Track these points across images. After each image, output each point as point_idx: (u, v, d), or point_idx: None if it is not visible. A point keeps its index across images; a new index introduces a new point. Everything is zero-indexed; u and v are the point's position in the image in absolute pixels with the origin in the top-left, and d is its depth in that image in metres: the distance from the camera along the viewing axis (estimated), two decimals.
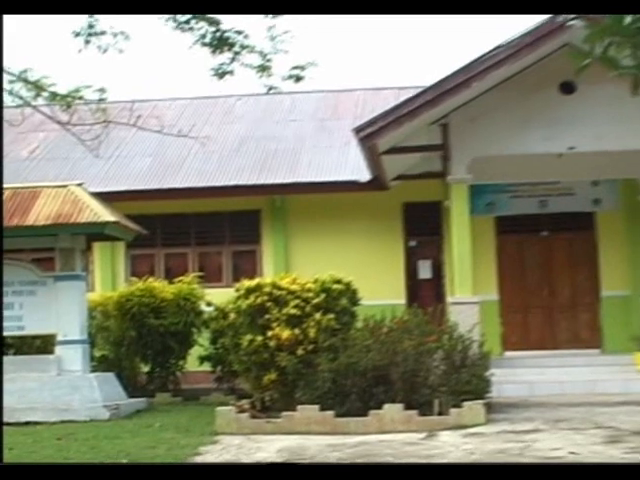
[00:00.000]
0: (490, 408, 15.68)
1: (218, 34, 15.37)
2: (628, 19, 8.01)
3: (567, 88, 19.34)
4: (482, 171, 19.94)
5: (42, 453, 12.14)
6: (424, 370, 15.32)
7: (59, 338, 17.50)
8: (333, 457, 11.81)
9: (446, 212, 21.81)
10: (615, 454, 11.54)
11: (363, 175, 22.50)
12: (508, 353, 22.13)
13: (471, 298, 19.08)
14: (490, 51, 18.81)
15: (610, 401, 17.09)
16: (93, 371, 18.21)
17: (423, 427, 14.10)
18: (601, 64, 8.40)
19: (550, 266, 23.63)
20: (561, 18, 16.75)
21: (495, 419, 15.06)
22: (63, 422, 15.87)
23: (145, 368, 20.72)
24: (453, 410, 14.60)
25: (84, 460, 11.95)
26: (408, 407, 14.54)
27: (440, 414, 14.65)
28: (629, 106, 13.96)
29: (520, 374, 19.38)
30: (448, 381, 15.18)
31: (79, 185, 18.44)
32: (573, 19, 9.07)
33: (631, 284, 22.90)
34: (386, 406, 14.52)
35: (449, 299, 20.29)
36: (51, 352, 17.65)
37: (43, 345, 17.96)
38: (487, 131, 19.55)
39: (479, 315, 18.58)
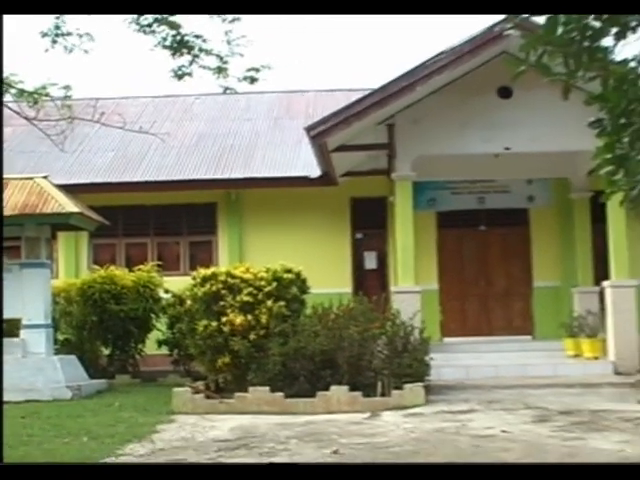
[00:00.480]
0: (429, 390, 15.82)
1: (178, 38, 15.36)
2: (560, 30, 8.12)
3: (504, 93, 19.47)
4: (425, 169, 20.03)
5: (8, 430, 12.09)
6: (368, 354, 15.44)
7: (24, 322, 17.47)
8: (282, 435, 11.92)
9: (391, 207, 21.93)
10: (543, 432, 11.73)
11: (314, 171, 22.54)
12: (447, 339, 22.27)
13: (413, 287, 19.16)
14: (433, 57, 18.90)
15: (540, 384, 17.27)
16: (56, 354, 18.20)
17: (367, 407, 14.24)
18: (535, 71, 8.52)
19: (487, 258, 23.78)
20: (498, 28, 16.88)
21: (434, 400, 15.21)
22: (28, 401, 15.84)
23: (106, 351, 20.67)
24: (395, 392, 14.75)
25: (46, 437, 11.97)
26: (353, 389, 14.67)
27: (383, 395, 14.79)
28: (561, 110, 14.13)
29: (457, 358, 19.50)
30: (390, 365, 15.31)
31: (45, 177, 18.41)
32: (510, 29, 9.12)
33: (561, 276, 23.14)
34: (332, 388, 14.64)
35: (393, 288, 20.35)
36: (16, 335, 17.56)
37: (8, 329, 17.84)
38: (430, 132, 19.63)
39: (420, 303, 18.66)
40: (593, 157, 8.94)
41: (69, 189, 19.19)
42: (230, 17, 15.72)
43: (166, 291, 20.49)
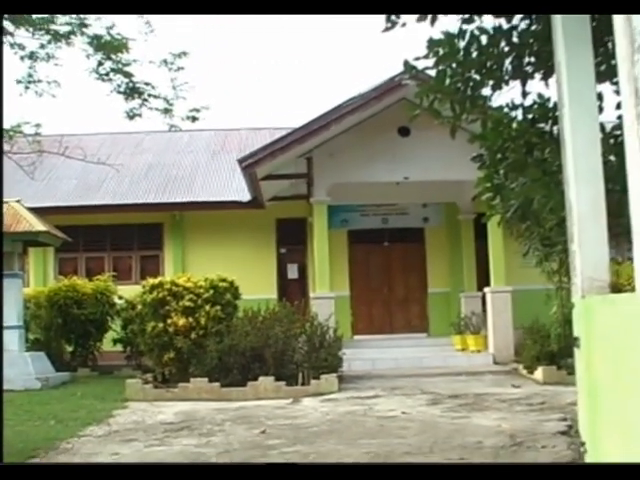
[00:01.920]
0: (342, 379, 15.88)
1: (131, 85, 15.34)
2: (447, 81, 8.27)
3: (404, 132, 19.67)
4: (338, 194, 20.16)
5: None
6: (291, 350, 15.45)
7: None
8: (219, 418, 11.88)
9: (310, 226, 21.98)
10: (436, 413, 11.83)
11: (245, 196, 22.54)
12: (357, 337, 22.32)
13: (328, 294, 19.22)
14: (345, 101, 19.06)
15: (433, 373, 17.43)
16: (27, 350, 17.99)
17: (290, 395, 14.25)
18: (428, 114, 8.65)
19: (390, 269, 23.92)
20: (398, 78, 17.06)
21: (346, 388, 15.26)
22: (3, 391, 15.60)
23: (69, 348, 20.44)
24: (313, 381, 14.79)
25: (19, 421, 11.79)
26: (278, 379, 14.68)
27: (303, 384, 14.81)
28: (449, 146, 14.24)
29: (365, 353, 19.59)
30: (309, 358, 15.33)
31: (18, 201, 18.25)
32: (408, 79, 9.25)
33: (450, 283, 23.35)
34: (261, 378, 14.64)
35: (311, 294, 20.40)
36: None
37: None
38: (342, 163, 19.76)
39: (334, 307, 18.71)
40: (475, 185, 9.09)
41: (38, 211, 18.96)
42: (175, 66, 15.76)
43: (120, 297, 20.34)
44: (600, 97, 7.64)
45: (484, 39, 8.21)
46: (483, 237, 20.17)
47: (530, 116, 8.48)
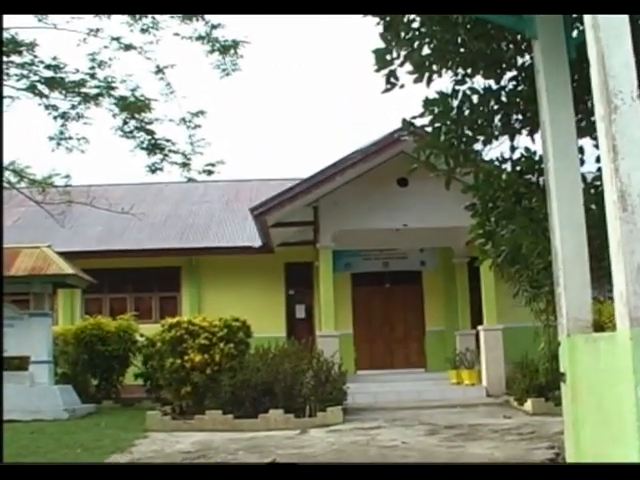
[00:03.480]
0: (346, 411, 15.82)
1: (153, 141, 15.50)
2: (442, 137, 8.36)
3: (402, 182, 19.72)
4: (342, 240, 20.20)
5: (20, 443, 12.00)
6: (299, 384, 15.41)
7: (32, 359, 17.36)
8: (232, 448, 11.83)
9: (316, 270, 21.99)
10: (433, 442, 11.78)
11: (256, 242, 22.60)
12: (360, 372, 22.23)
13: (333, 332, 19.18)
14: (348, 155, 19.19)
15: (431, 405, 17.33)
16: (56, 383, 18.00)
17: (298, 426, 14.20)
18: (425, 167, 8.73)
19: (390, 309, 23.87)
20: (397, 134, 17.18)
21: (350, 419, 15.20)
22: (34, 420, 15.60)
23: (94, 382, 20.39)
24: (320, 413, 14.74)
25: (49, 449, 11.79)
26: (287, 411, 14.64)
27: (310, 416, 14.75)
28: (445, 196, 14.28)
29: (368, 387, 19.48)
30: (316, 392, 15.29)
31: (48, 246, 18.47)
32: (407, 135, 9.36)
33: (445, 322, 23.28)
34: (271, 411, 14.60)
35: (317, 333, 20.35)
36: (26, 369, 17.40)
37: (20, 364, 17.68)
38: (346, 212, 19.82)
39: (339, 345, 18.69)
40: (469, 232, 9.12)
41: (67, 255, 19.04)
42: (193, 124, 15.90)
43: (141, 335, 20.30)
44: (581, 151, 7.73)
45: (475, 98, 8.33)
46: (476, 279, 20.16)
47: (518, 168, 8.57)
